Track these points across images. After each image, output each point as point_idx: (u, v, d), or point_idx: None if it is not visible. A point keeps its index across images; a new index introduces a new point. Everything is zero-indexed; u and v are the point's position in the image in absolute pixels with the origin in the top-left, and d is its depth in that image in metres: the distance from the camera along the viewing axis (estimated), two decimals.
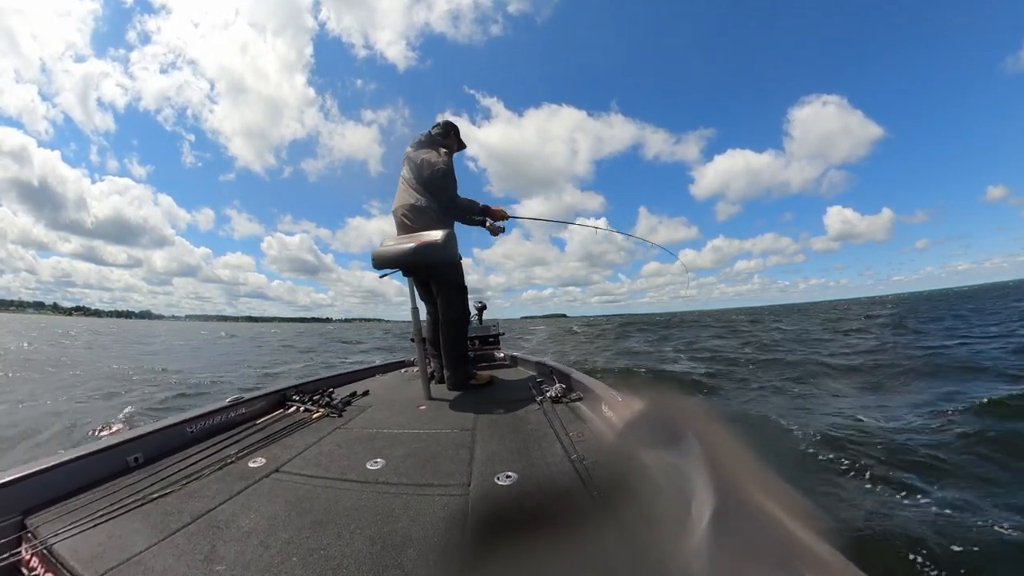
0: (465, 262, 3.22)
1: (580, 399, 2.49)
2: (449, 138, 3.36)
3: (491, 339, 4.57)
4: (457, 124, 3.44)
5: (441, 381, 3.23)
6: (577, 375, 2.75)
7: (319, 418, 2.49)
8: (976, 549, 2.51)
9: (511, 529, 1.30)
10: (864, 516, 2.95)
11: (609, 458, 1.58)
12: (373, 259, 2.83)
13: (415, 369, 4.18)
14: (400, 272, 2.85)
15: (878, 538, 2.68)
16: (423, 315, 3.26)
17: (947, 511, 2.93)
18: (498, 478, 1.56)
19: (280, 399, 2.82)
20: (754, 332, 21.77)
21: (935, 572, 2.39)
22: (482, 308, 4.88)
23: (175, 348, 23.74)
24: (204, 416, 2.28)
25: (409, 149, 3.21)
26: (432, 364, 3.42)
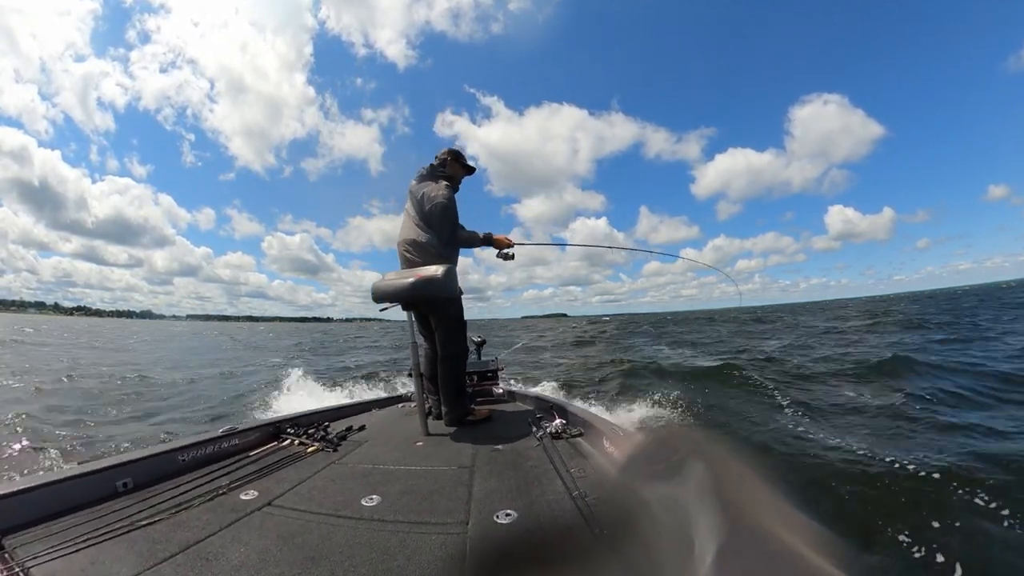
0: (466, 262, 3.18)
1: (581, 434, 2.45)
2: (451, 167, 3.30)
3: (489, 374, 4.54)
4: (459, 150, 3.39)
5: (439, 417, 3.19)
6: (577, 409, 2.72)
7: (314, 452, 2.45)
8: None
9: (511, 569, 1.26)
10: None
11: (612, 494, 1.54)
12: (372, 293, 2.89)
13: (412, 404, 4.13)
14: (400, 306, 2.87)
15: None
16: (422, 350, 3.25)
17: None
18: (497, 516, 1.52)
19: (274, 431, 2.77)
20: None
21: None
22: (481, 343, 4.86)
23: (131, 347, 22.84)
24: (196, 445, 2.24)
25: (413, 183, 3.24)
26: (430, 400, 3.38)
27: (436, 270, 2.75)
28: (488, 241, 3.27)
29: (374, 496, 1.74)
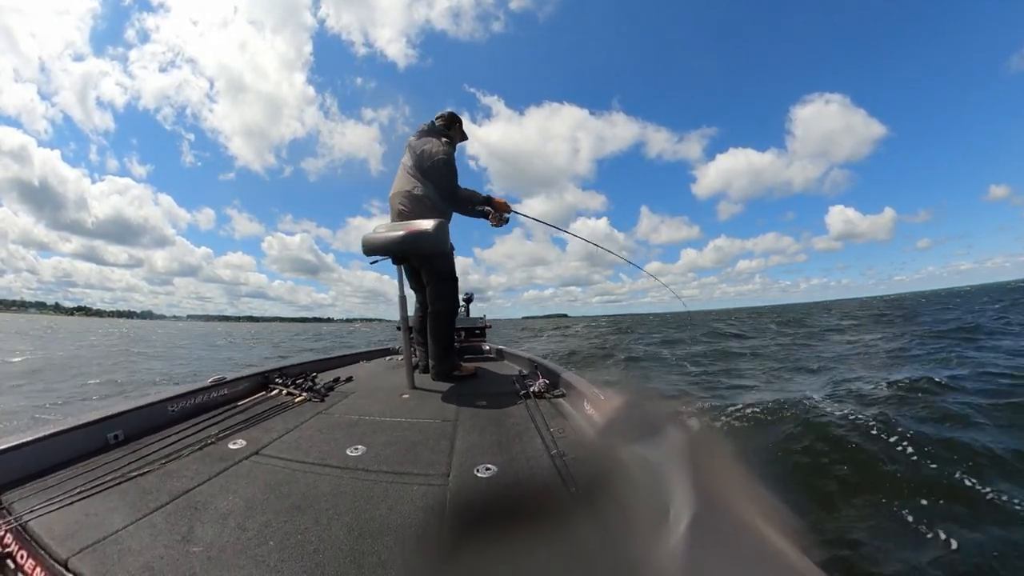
0: (466, 262, 3.16)
1: (563, 395, 2.51)
2: (452, 129, 3.38)
3: (478, 331, 4.58)
4: (460, 117, 3.47)
5: (426, 371, 3.23)
6: (561, 371, 2.77)
7: (301, 402, 2.48)
8: None
9: (489, 522, 1.31)
10: None
11: (589, 455, 1.59)
12: (363, 245, 2.81)
13: (400, 357, 4.17)
14: (390, 260, 2.84)
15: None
16: (412, 304, 3.25)
17: None
18: (478, 470, 1.57)
19: (263, 381, 2.80)
20: None
21: None
22: (469, 299, 4.87)
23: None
24: (186, 395, 2.26)
25: (412, 138, 3.22)
26: (417, 353, 3.41)
27: (427, 224, 2.71)
28: (488, 201, 3.29)
29: (359, 446, 1.78)
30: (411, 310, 3.33)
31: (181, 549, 1.09)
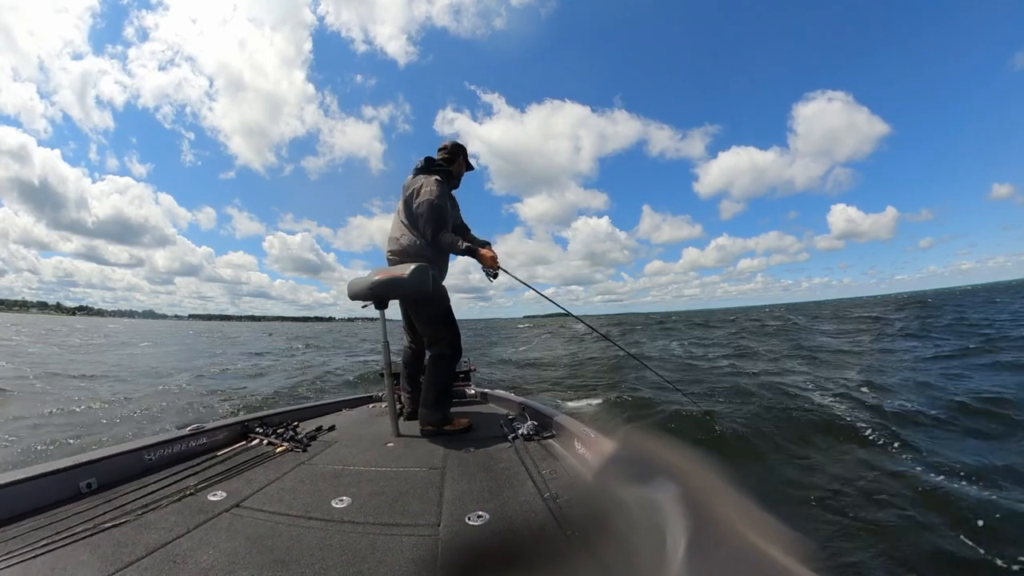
0: (467, 261, 3.03)
1: (553, 436, 2.49)
2: (455, 163, 3.16)
3: (462, 375, 4.54)
4: (464, 146, 3.23)
5: (410, 418, 3.17)
6: (549, 412, 2.75)
7: (283, 452, 2.42)
8: None
9: (483, 572, 1.29)
10: None
11: (583, 496, 1.58)
12: (348, 290, 2.90)
13: (383, 404, 4.10)
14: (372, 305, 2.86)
15: None
16: (397, 347, 3.22)
17: None
18: (469, 518, 1.54)
19: (242, 430, 2.73)
20: None
21: None
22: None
23: None
24: (163, 444, 2.19)
25: (408, 178, 3.08)
26: (402, 399, 3.36)
27: (403, 270, 2.72)
28: (470, 252, 2.91)
29: (344, 497, 1.74)
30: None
31: None
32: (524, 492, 1.76)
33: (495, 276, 3.04)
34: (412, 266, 2.72)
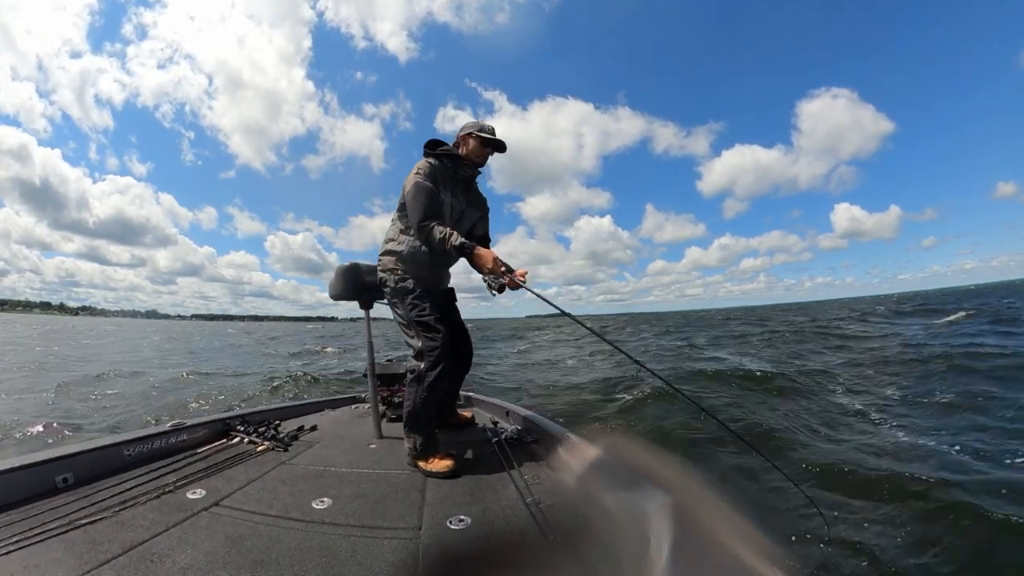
0: (467, 261, 2.40)
1: (536, 441, 2.50)
2: (462, 146, 2.53)
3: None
4: (475, 125, 2.56)
5: (392, 420, 3.16)
6: (533, 417, 2.76)
7: (264, 451, 2.40)
8: None
9: None
10: None
11: (566, 501, 1.59)
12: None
13: (366, 406, 4.08)
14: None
15: None
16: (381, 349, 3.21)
17: None
18: (451, 522, 1.54)
19: (223, 428, 2.70)
20: None
21: None
22: None
23: None
24: (142, 439, 2.16)
25: None
26: (385, 401, 3.35)
27: (351, 265, 2.76)
28: (463, 252, 2.26)
29: (325, 499, 1.73)
30: None
31: None
32: (507, 497, 1.77)
33: (499, 288, 2.31)
34: (382, 258, 2.54)
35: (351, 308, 2.95)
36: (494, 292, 2.33)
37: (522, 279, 2.26)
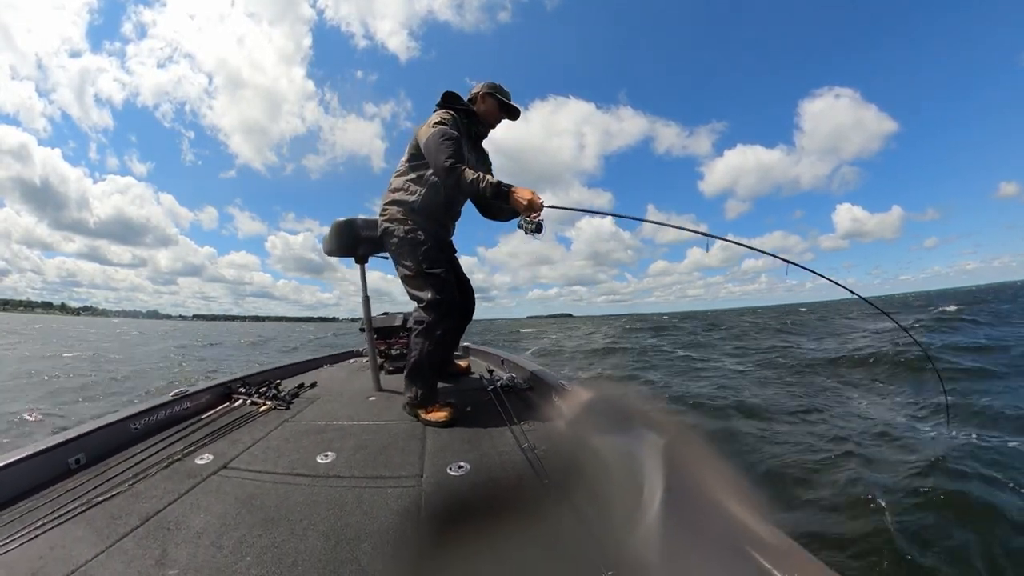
0: (470, 260, 2.42)
1: (531, 389, 2.56)
2: (481, 103, 2.44)
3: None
4: (498, 84, 2.46)
5: (391, 372, 3.22)
6: (528, 364, 2.82)
7: (266, 411, 2.45)
8: None
9: (465, 520, 1.36)
10: None
11: (560, 446, 1.66)
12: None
13: (365, 359, 4.14)
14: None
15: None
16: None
17: None
18: (450, 469, 1.61)
19: (225, 392, 2.74)
20: None
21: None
22: None
23: None
24: (148, 412, 2.21)
25: None
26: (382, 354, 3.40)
27: (347, 220, 2.76)
28: (500, 195, 2.10)
29: (329, 453, 1.80)
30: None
31: (156, 573, 1.09)
32: (503, 443, 1.84)
33: (537, 229, 2.14)
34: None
35: (352, 308, 2.94)
36: (533, 234, 2.16)
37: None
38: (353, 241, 2.73)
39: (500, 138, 2.38)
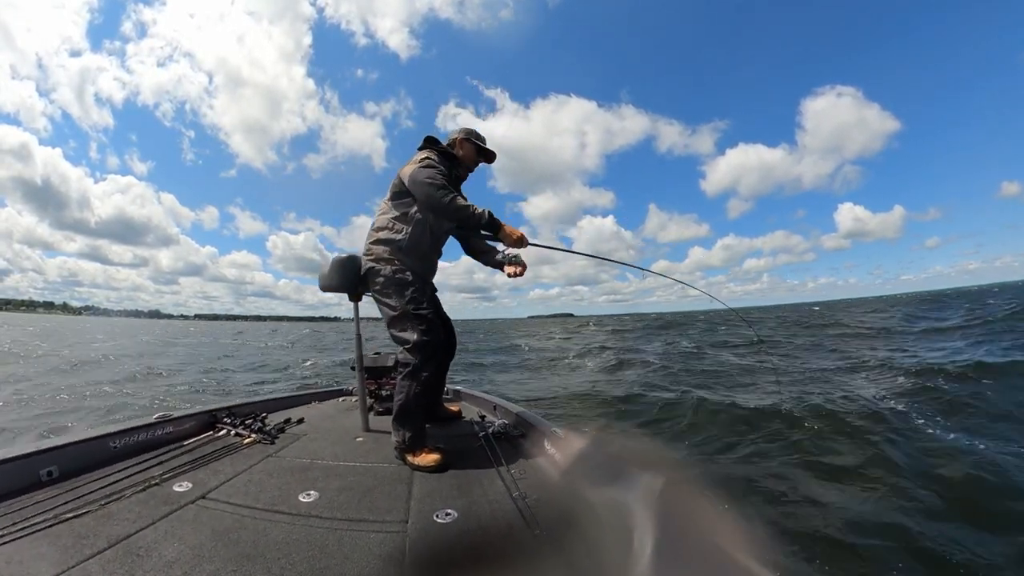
0: (469, 261, 2.57)
1: (523, 435, 2.52)
2: (459, 147, 2.58)
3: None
4: (474, 129, 2.63)
5: (380, 413, 3.17)
6: (520, 411, 2.79)
7: (250, 444, 2.40)
8: None
9: (452, 569, 1.31)
10: None
11: (552, 495, 1.62)
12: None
13: (354, 398, 4.08)
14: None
15: None
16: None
17: None
18: (437, 515, 1.56)
19: (210, 420, 2.69)
20: None
21: None
22: None
23: None
24: (129, 432, 2.15)
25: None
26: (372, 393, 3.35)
27: (350, 256, 2.73)
28: (492, 227, 2.25)
29: (312, 492, 1.74)
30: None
31: None
32: (493, 491, 1.79)
33: (516, 269, 2.36)
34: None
35: (352, 309, 2.91)
36: (510, 270, 2.39)
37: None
38: (356, 277, 2.76)
39: (503, 138, 2.53)
